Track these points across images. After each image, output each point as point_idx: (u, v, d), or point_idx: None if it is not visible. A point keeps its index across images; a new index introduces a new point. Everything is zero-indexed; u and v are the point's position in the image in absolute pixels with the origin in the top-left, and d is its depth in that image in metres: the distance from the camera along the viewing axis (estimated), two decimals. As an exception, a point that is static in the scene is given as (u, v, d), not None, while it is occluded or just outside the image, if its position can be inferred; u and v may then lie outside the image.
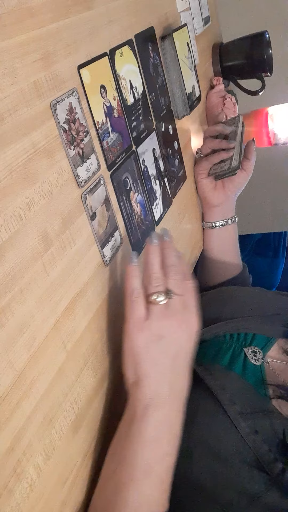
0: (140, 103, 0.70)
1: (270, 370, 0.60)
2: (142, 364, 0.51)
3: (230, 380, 0.57)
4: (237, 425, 0.51)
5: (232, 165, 0.84)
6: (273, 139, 1.15)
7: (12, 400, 0.42)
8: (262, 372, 0.59)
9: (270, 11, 1.26)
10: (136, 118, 0.68)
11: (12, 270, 0.43)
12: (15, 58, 0.44)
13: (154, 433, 0.49)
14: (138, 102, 0.69)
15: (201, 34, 1.03)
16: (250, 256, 1.71)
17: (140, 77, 0.70)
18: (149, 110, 0.73)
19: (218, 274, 0.96)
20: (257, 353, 0.62)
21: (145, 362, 0.51)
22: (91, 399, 0.55)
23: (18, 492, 0.42)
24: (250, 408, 0.54)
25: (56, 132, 0.50)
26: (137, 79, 0.69)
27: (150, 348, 0.51)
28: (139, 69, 0.70)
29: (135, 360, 0.51)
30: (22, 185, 0.44)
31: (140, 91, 0.70)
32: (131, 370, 0.51)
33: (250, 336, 0.65)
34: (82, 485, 0.52)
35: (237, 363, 0.61)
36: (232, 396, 0.55)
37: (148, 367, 0.51)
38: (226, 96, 1.04)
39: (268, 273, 1.74)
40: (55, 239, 0.49)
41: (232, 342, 0.65)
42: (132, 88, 0.67)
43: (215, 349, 0.64)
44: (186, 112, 0.85)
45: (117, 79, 0.63)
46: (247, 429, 0.51)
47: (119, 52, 0.64)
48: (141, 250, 0.70)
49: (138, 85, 0.69)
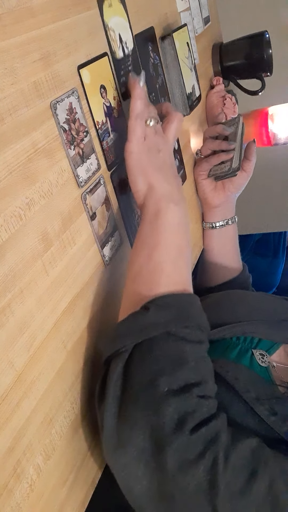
0: (130, 59, 0.67)
1: (276, 373, 0.61)
2: (151, 172, 0.58)
3: (241, 371, 0.59)
4: (256, 408, 0.53)
5: (232, 167, 0.84)
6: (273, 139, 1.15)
7: (12, 400, 0.42)
8: (269, 373, 0.60)
9: (270, 11, 1.27)
10: (125, 74, 0.66)
11: (12, 270, 0.43)
12: (15, 58, 0.44)
13: (180, 221, 0.57)
14: (127, 57, 0.66)
15: (201, 34, 1.03)
16: (250, 256, 1.71)
17: (130, 33, 0.68)
18: (140, 68, 0.70)
19: (218, 274, 0.96)
20: (264, 356, 0.63)
21: (153, 170, 0.58)
22: (91, 399, 0.55)
23: (18, 492, 0.42)
24: (264, 395, 0.55)
25: (56, 132, 0.50)
26: (127, 34, 0.67)
27: (153, 159, 0.59)
28: (129, 24, 0.67)
29: (144, 170, 0.58)
30: (22, 185, 0.44)
31: (130, 48, 0.67)
32: (142, 181, 0.58)
33: (256, 340, 0.66)
34: (82, 485, 0.52)
35: (245, 359, 0.62)
36: (246, 384, 0.56)
37: (156, 173, 0.58)
38: (226, 96, 1.04)
39: (268, 273, 1.74)
40: (55, 239, 0.49)
41: (239, 343, 0.66)
42: (121, 42, 0.65)
43: (223, 348, 0.65)
44: (186, 112, 0.85)
45: (106, 29, 0.61)
46: (266, 412, 0.53)
47: (108, 2, 0.61)
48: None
49: (128, 40, 0.67)
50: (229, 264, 0.96)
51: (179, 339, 0.50)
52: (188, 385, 0.48)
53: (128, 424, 0.46)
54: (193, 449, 0.44)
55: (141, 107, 0.58)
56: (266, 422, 0.52)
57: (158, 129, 0.62)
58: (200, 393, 0.48)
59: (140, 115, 0.58)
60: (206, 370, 0.51)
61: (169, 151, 0.62)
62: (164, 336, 0.50)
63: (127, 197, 0.66)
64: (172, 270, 0.54)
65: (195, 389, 0.47)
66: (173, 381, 0.47)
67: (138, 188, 0.59)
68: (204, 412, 0.47)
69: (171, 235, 0.55)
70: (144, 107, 0.58)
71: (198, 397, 0.47)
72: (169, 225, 0.56)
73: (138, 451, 0.45)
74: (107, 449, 0.48)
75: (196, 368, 0.49)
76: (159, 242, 0.55)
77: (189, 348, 0.50)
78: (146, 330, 0.49)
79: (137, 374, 0.48)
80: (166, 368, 0.48)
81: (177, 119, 0.64)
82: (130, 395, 0.47)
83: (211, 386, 0.50)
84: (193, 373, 0.48)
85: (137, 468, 0.45)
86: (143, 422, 0.46)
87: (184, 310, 0.52)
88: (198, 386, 0.48)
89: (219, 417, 0.47)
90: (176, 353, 0.49)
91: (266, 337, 0.66)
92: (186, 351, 0.49)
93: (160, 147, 0.60)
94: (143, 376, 0.48)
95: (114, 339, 0.51)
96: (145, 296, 0.52)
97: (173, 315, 0.50)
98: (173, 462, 0.44)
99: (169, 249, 0.55)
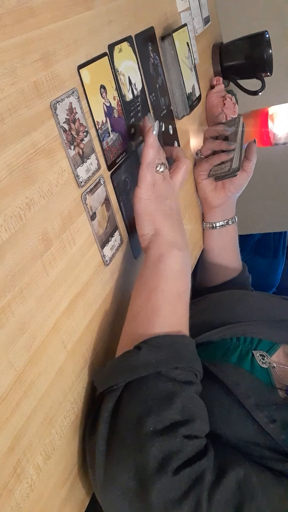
0: (139, 100, 0.69)
1: (276, 374, 0.61)
2: (158, 218, 0.60)
3: (241, 376, 0.59)
4: (255, 415, 0.53)
5: (232, 167, 0.84)
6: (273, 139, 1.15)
7: (12, 400, 0.42)
8: (269, 374, 0.60)
9: (270, 11, 1.27)
10: (135, 115, 0.68)
11: (12, 270, 0.43)
12: (15, 58, 0.44)
13: (181, 268, 0.58)
14: (137, 98, 0.69)
15: (201, 34, 1.03)
16: (250, 256, 1.71)
17: (139, 74, 0.70)
18: (148, 108, 0.73)
19: (218, 274, 0.96)
20: (265, 357, 0.63)
21: (161, 216, 0.60)
22: (91, 399, 0.55)
23: (18, 492, 0.42)
24: (264, 401, 0.55)
25: (56, 132, 0.50)
26: (136, 76, 0.69)
27: (161, 206, 0.61)
28: (138, 66, 0.70)
29: (151, 216, 0.60)
30: (22, 185, 0.44)
31: (139, 88, 0.70)
32: (148, 226, 0.61)
33: (256, 340, 0.66)
34: (82, 485, 0.52)
35: (245, 362, 0.62)
36: (246, 390, 0.56)
37: (163, 220, 0.60)
38: (226, 96, 1.04)
39: (268, 273, 1.74)
40: (55, 239, 0.49)
41: (239, 344, 0.66)
42: (131, 85, 0.67)
43: (223, 350, 0.65)
44: (186, 112, 0.85)
45: (116, 74, 0.63)
46: (265, 419, 0.53)
47: (118, 48, 0.64)
48: (141, 250, 0.70)
49: (137, 82, 0.69)
50: (229, 264, 0.96)
51: (169, 380, 0.50)
52: (174, 425, 0.47)
53: (115, 463, 0.47)
54: (176, 490, 0.44)
55: (153, 156, 0.59)
56: (264, 429, 0.52)
57: (166, 175, 0.64)
58: (186, 433, 0.47)
59: (151, 164, 0.60)
60: (194, 410, 0.50)
61: (176, 198, 0.65)
62: (154, 376, 0.50)
63: (127, 197, 0.66)
64: (168, 313, 0.55)
65: (181, 428, 0.47)
66: (159, 420, 0.47)
67: (144, 232, 0.61)
68: (189, 452, 0.47)
69: (171, 280, 0.57)
70: (155, 156, 0.60)
71: (184, 437, 0.47)
72: (170, 270, 0.57)
73: (123, 490, 0.45)
74: (95, 486, 0.48)
75: (183, 408, 0.49)
76: (159, 286, 0.56)
77: (178, 389, 0.50)
78: (137, 369, 0.50)
79: (125, 413, 0.49)
80: (153, 408, 0.48)
81: (185, 167, 0.68)
82: (118, 434, 0.48)
83: (198, 426, 0.49)
84: (180, 413, 0.48)
85: (122, 507, 0.46)
86: (128, 461, 0.46)
87: (176, 351, 0.52)
88: (184, 425, 0.47)
89: (206, 455, 0.47)
90: (164, 394, 0.49)
91: (265, 337, 0.66)
92: (174, 391, 0.49)
93: (168, 195, 0.63)
94: (130, 415, 0.48)
95: (107, 376, 0.52)
96: (140, 336, 0.53)
97: (164, 356, 0.51)
98: (157, 502, 0.44)
99: (168, 293, 0.56)
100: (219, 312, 0.75)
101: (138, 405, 0.48)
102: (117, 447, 0.47)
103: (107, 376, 0.52)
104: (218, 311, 0.75)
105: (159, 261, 0.58)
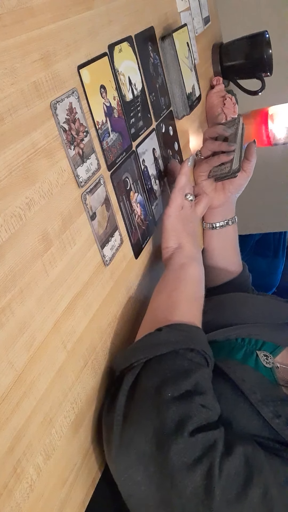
0: (139, 100, 0.70)
1: (280, 373, 0.62)
2: (183, 234, 0.73)
3: (247, 372, 0.60)
4: (261, 410, 0.54)
5: (232, 168, 0.84)
6: (273, 139, 1.15)
7: (12, 400, 0.42)
8: (273, 373, 0.61)
9: (270, 11, 1.27)
10: (134, 115, 0.68)
11: (12, 270, 0.43)
12: (15, 58, 0.44)
13: (199, 278, 0.68)
14: (137, 99, 0.69)
15: (201, 34, 1.03)
16: (250, 256, 1.71)
17: (139, 74, 0.70)
18: (148, 108, 0.73)
19: (219, 274, 0.96)
20: (268, 357, 0.64)
21: (184, 234, 0.73)
22: (91, 399, 0.55)
23: (18, 492, 0.42)
24: (269, 397, 0.56)
25: (56, 132, 0.50)
26: (136, 76, 0.69)
27: (186, 226, 0.74)
28: (138, 66, 0.70)
29: (176, 232, 0.72)
30: (22, 185, 0.44)
31: (139, 88, 0.70)
32: (173, 241, 0.72)
33: (260, 342, 0.67)
34: (82, 485, 0.52)
35: (250, 360, 0.63)
36: (252, 386, 0.57)
37: (186, 237, 0.73)
38: (226, 96, 1.04)
39: (268, 273, 1.74)
40: (55, 239, 0.49)
41: (243, 344, 0.67)
42: (131, 85, 0.67)
43: (228, 348, 0.66)
44: (186, 112, 0.85)
45: (116, 74, 0.63)
46: (270, 414, 0.54)
47: (118, 48, 0.64)
48: (141, 250, 0.70)
49: (137, 82, 0.69)
50: (229, 264, 0.96)
51: (185, 359, 0.55)
52: (190, 392, 0.51)
53: (132, 428, 0.49)
54: (191, 453, 0.46)
55: (185, 182, 0.73)
56: (270, 424, 0.53)
57: (192, 205, 0.79)
58: (201, 402, 0.50)
59: (182, 189, 0.73)
60: (208, 387, 0.53)
61: (197, 225, 0.80)
62: (172, 355, 0.55)
63: (127, 197, 0.66)
64: (186, 310, 0.62)
65: (197, 397, 0.50)
66: (176, 389, 0.50)
67: (169, 245, 0.72)
68: (203, 419, 0.49)
69: (190, 284, 0.66)
70: (187, 182, 0.74)
71: (199, 405, 0.50)
72: (189, 276, 0.67)
73: (139, 454, 0.47)
74: (110, 451, 0.50)
75: (197, 384, 0.52)
76: (179, 287, 0.64)
77: (194, 368, 0.54)
78: (157, 346, 0.55)
79: (143, 384, 0.52)
80: (170, 378, 0.52)
81: (206, 201, 0.84)
82: (137, 401, 0.51)
83: (211, 400, 0.52)
84: (195, 387, 0.52)
85: (137, 472, 0.47)
86: (146, 424, 0.48)
87: (192, 335, 0.58)
88: (200, 395, 0.51)
89: (218, 428, 0.49)
90: (181, 369, 0.53)
91: (269, 340, 0.67)
92: (190, 369, 0.53)
93: (192, 220, 0.77)
94: (149, 385, 0.52)
95: (129, 354, 0.56)
96: (159, 323, 0.58)
97: (182, 337, 0.56)
98: (171, 464, 0.45)
99: (187, 294, 0.64)
100: (224, 313, 0.76)
101: (157, 377, 0.52)
102: (134, 413, 0.50)
103: (127, 355, 0.56)
104: (223, 312, 0.76)
105: (181, 268, 0.67)
